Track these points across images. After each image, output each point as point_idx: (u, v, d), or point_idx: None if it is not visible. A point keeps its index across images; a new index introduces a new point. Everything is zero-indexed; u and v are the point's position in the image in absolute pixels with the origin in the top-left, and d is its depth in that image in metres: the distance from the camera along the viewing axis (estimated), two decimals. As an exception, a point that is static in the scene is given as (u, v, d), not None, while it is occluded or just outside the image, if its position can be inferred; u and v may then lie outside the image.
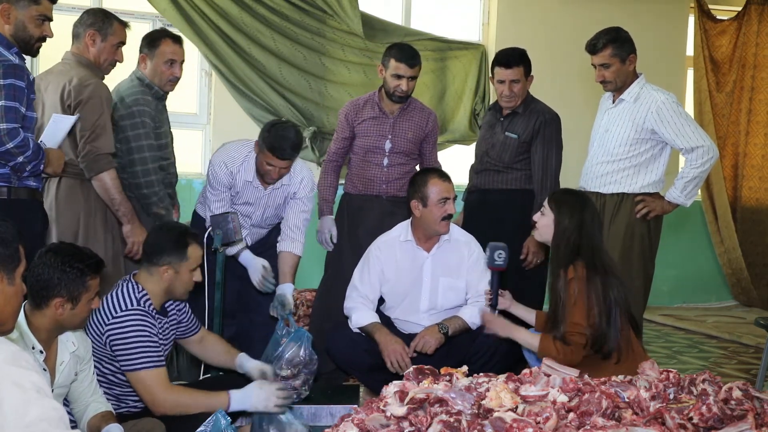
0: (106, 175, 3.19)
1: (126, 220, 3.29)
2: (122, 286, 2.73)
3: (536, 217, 3.04)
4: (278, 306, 3.50)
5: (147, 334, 2.65)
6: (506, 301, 3.19)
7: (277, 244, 3.68)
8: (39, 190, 2.98)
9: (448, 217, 3.37)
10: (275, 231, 3.78)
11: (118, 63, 3.44)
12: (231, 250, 3.49)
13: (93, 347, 2.64)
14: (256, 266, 3.54)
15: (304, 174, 3.67)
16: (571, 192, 3.07)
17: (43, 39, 3.02)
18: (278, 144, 3.36)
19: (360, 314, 3.39)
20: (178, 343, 3.11)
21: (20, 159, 2.79)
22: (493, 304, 3.17)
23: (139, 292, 2.71)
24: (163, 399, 2.60)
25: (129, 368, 2.62)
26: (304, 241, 3.69)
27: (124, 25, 3.38)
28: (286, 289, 3.54)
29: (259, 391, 2.66)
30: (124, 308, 2.65)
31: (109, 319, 2.63)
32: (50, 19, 3.02)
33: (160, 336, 2.75)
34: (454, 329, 3.31)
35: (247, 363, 2.98)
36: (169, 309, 2.90)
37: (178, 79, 3.62)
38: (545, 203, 3.01)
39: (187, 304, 3.00)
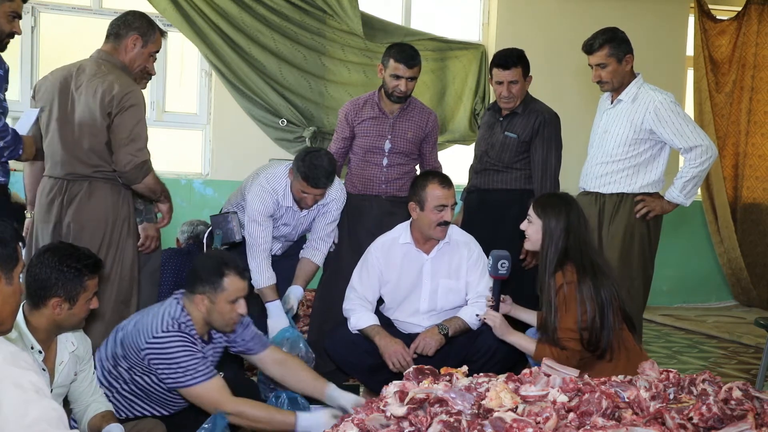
0: (149, 178, 3.13)
1: (166, 199, 3.31)
2: (170, 305, 2.68)
3: (524, 225, 3.01)
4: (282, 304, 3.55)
5: (190, 352, 2.59)
6: (507, 306, 3.19)
7: (302, 250, 3.77)
8: (6, 186, 2.99)
9: (444, 224, 3.36)
10: (303, 238, 3.87)
11: (151, 75, 3.44)
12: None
13: (120, 353, 2.64)
14: (278, 321, 3.52)
15: (338, 193, 3.73)
16: (554, 195, 3.08)
17: (12, 35, 2.97)
18: (312, 173, 3.41)
19: (359, 316, 3.39)
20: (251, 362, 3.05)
21: (0, 144, 2.81)
22: (492, 309, 3.18)
23: (184, 317, 2.66)
24: (231, 409, 2.51)
25: (181, 386, 2.57)
26: (326, 252, 3.79)
27: (163, 34, 3.34)
28: (293, 291, 3.61)
29: (330, 421, 2.48)
30: (165, 330, 2.59)
31: (148, 338, 2.58)
32: (20, 17, 2.99)
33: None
34: (455, 330, 3.30)
35: (340, 396, 2.78)
36: (215, 336, 2.83)
37: (151, 76, 3.53)
38: (530, 210, 3.00)
39: (249, 320, 2.90)
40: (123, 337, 2.65)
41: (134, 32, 3.19)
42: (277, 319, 3.51)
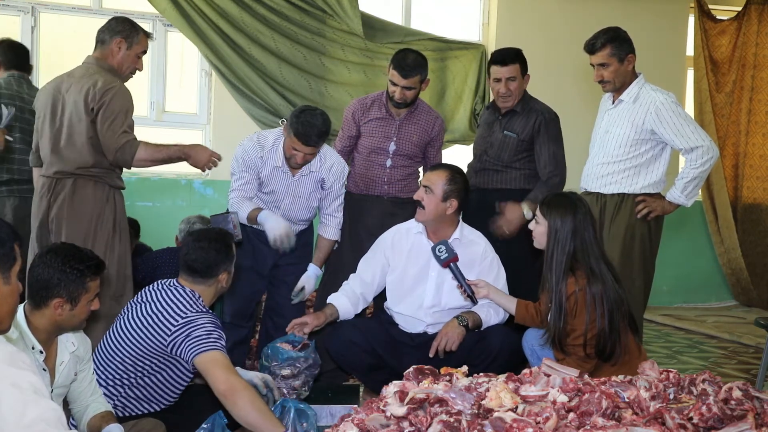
0: (140, 153, 3.22)
1: (184, 155, 3.34)
2: (174, 292, 2.73)
3: (531, 225, 3.06)
4: (297, 291, 3.68)
5: (218, 326, 2.67)
6: (483, 289, 3.21)
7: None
8: None
9: (416, 204, 3.40)
10: (307, 232, 3.84)
11: (137, 71, 3.52)
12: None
13: (137, 354, 2.66)
14: (277, 221, 3.46)
15: (334, 160, 3.70)
16: (561, 195, 3.07)
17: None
18: (304, 130, 3.39)
19: (332, 295, 3.46)
20: None
21: None
22: (470, 296, 3.20)
23: (196, 296, 2.73)
24: (229, 384, 2.47)
25: (201, 350, 2.56)
26: (340, 224, 3.81)
27: (148, 35, 3.47)
28: (309, 273, 3.72)
29: None
30: (194, 310, 2.67)
31: (177, 321, 2.63)
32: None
33: None
34: (473, 323, 3.28)
35: None
36: None
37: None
38: (537, 211, 3.01)
39: None
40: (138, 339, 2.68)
41: (117, 36, 3.35)
42: (273, 221, 3.46)
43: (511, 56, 3.88)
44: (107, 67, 3.33)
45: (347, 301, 3.42)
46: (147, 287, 2.84)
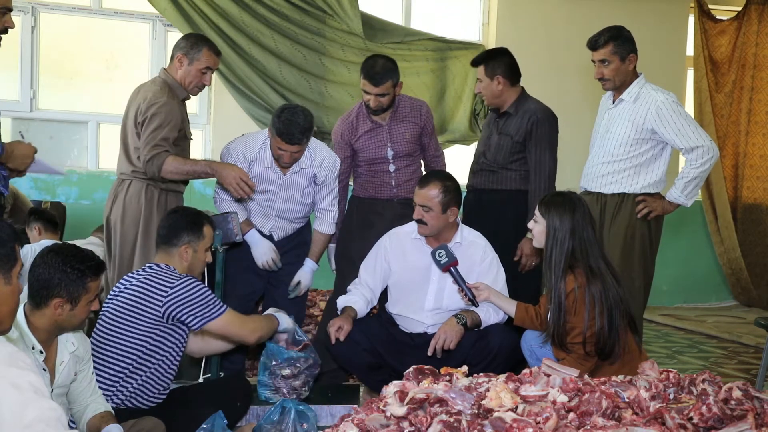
0: (167, 165, 3.31)
1: (212, 172, 3.38)
2: (151, 269, 2.78)
3: (530, 224, 3.06)
4: (293, 286, 3.71)
5: (203, 287, 2.78)
6: (484, 292, 3.21)
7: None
8: (4, 195, 2.98)
9: (417, 222, 3.36)
10: (304, 231, 3.83)
11: (205, 86, 3.60)
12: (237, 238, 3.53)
13: (133, 333, 2.70)
14: (265, 248, 3.62)
15: (325, 154, 3.68)
16: (560, 194, 3.06)
17: (5, 31, 2.93)
18: (287, 129, 3.39)
19: (345, 298, 3.45)
20: None
21: None
22: (471, 300, 3.20)
23: (171, 268, 2.80)
24: (251, 330, 2.93)
25: (210, 318, 2.75)
26: (335, 218, 3.80)
27: (215, 52, 3.53)
28: (304, 267, 3.74)
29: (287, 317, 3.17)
30: (176, 278, 2.74)
31: (167, 292, 2.70)
32: (10, 10, 2.94)
33: None
34: (471, 321, 3.28)
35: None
36: None
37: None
38: (536, 210, 3.01)
39: None
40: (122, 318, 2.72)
41: (179, 52, 3.47)
42: (260, 248, 3.62)
43: (479, 58, 3.87)
44: (170, 81, 3.47)
45: (364, 305, 3.43)
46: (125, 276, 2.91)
